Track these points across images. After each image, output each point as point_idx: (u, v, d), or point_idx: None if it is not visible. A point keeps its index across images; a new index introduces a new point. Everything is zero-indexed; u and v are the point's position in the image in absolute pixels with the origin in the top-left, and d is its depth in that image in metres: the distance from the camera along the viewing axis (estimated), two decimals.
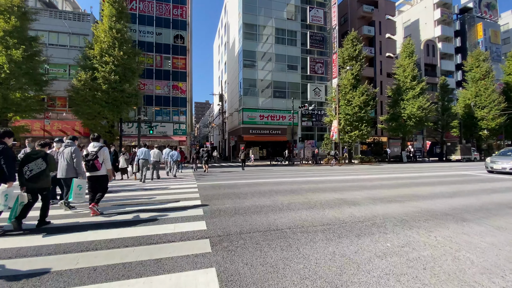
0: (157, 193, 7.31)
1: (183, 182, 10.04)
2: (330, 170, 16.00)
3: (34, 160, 4.06)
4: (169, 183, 9.60)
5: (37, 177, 4.04)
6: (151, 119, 25.52)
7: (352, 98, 24.60)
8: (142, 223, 4.36)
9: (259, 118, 28.71)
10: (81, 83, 17.30)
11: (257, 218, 4.63)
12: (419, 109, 26.06)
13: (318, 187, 8.34)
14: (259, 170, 16.66)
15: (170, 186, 8.76)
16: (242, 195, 6.86)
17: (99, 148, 4.99)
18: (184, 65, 26.72)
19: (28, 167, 3.99)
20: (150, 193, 7.35)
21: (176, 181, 10.25)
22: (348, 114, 24.34)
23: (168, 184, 9.29)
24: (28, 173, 3.98)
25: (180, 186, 8.82)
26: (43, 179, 4.14)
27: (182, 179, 11.07)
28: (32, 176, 4.00)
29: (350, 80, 25.02)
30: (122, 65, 18.40)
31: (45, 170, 4.13)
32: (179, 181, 10.22)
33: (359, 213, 5.08)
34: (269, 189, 7.94)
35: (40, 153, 4.20)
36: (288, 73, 30.27)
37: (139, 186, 8.85)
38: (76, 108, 18.00)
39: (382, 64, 35.79)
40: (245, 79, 28.79)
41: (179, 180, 10.83)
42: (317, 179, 10.86)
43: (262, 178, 11.06)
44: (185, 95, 26.67)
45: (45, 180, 4.18)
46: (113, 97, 17.99)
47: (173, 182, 10.11)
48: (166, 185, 8.98)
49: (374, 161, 25.33)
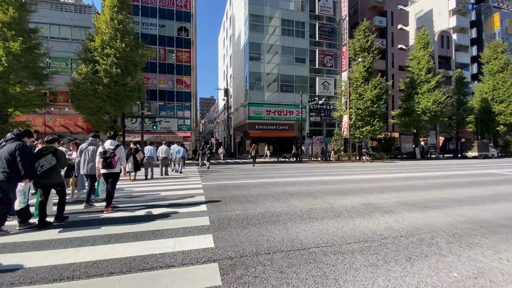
0: (159, 194, 6.56)
1: (187, 181, 9.29)
2: (344, 168, 15.08)
3: (44, 156, 4.08)
4: (173, 182, 8.86)
5: (49, 172, 4.07)
6: (155, 114, 24.84)
7: (364, 92, 23.44)
8: (137, 237, 3.58)
9: (265, 113, 27.79)
10: (81, 77, 16.62)
11: (275, 231, 3.81)
12: (434, 103, 24.74)
13: (337, 189, 7.47)
14: (267, 167, 15.84)
15: (173, 186, 8.01)
16: (253, 199, 6.04)
17: (116, 146, 5.10)
18: (189, 58, 25.86)
19: (39, 163, 4.01)
20: (152, 193, 6.60)
21: (180, 180, 9.51)
22: (360, 109, 23.23)
23: (172, 183, 8.55)
24: (39, 169, 3.99)
25: (184, 186, 8.06)
26: (55, 175, 4.19)
27: (187, 178, 10.33)
28: (43, 171, 4.02)
29: (361, 72, 23.82)
30: (124, 57, 17.64)
31: (55, 166, 4.16)
32: (184, 180, 9.47)
33: (396, 224, 4.22)
34: (282, 190, 7.11)
35: (50, 149, 4.21)
36: (295, 66, 29.15)
37: (135, 185, 8.13)
38: (77, 102, 17.37)
39: (394, 56, 34.29)
40: (251, 72, 27.80)
41: (184, 178, 10.08)
42: (333, 178, 9.98)
43: (272, 177, 10.23)
44: (190, 90, 25.88)
45: (56, 176, 4.24)
46: (115, 91, 17.29)
47: (177, 180, 9.37)
48: (170, 184, 8.23)
49: (386, 157, 24.25)
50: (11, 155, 3.73)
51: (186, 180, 9.46)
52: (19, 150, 3.75)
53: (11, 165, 3.73)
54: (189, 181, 9.30)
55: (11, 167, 3.73)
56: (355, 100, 23.61)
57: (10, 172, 3.72)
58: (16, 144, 3.77)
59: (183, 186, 8.09)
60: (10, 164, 3.73)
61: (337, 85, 30.63)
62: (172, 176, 11.22)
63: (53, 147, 4.35)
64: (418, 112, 25.35)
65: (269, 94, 28.30)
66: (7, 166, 3.72)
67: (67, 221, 4.34)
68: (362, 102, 23.22)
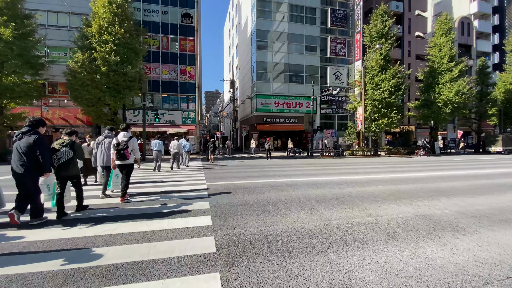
0: (157, 198, 5.36)
1: (191, 179, 8.08)
2: (363, 165, 13.67)
3: (61, 148, 4.14)
4: (176, 178, 7.66)
5: (66, 165, 4.13)
6: (158, 106, 23.68)
7: (380, 82, 21.72)
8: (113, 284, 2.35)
9: (273, 105, 26.33)
10: (77, 65, 15.47)
11: (314, 267, 2.53)
12: (457, 93, 22.86)
13: (370, 192, 6.14)
14: (277, 163, 14.54)
15: (174, 187, 6.80)
16: (270, 207, 4.77)
17: (129, 138, 5.13)
18: (193, 47, 24.44)
19: (57, 155, 4.09)
20: (146, 201, 5.39)
21: (184, 176, 8.31)
22: (376, 100, 21.56)
23: (175, 180, 7.34)
24: (57, 161, 4.07)
25: (186, 188, 6.84)
26: (72, 167, 4.23)
27: (191, 176, 9.12)
28: (60, 164, 4.09)
29: (378, 61, 22.05)
30: (124, 44, 16.38)
31: (72, 158, 4.21)
32: (187, 177, 8.27)
33: (485, 253, 2.88)
34: (304, 195, 5.81)
35: (67, 142, 4.24)
36: (306, 55, 27.43)
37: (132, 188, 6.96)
38: (74, 93, 16.29)
39: (410, 44, 32.13)
40: (258, 62, 26.26)
41: (188, 176, 8.88)
42: (358, 178, 8.61)
43: (287, 176, 8.93)
44: (194, 80, 24.55)
45: (73, 168, 4.29)
46: (115, 81, 16.11)
47: (181, 176, 8.16)
48: (172, 182, 7.03)
49: (403, 152, 22.63)
50: (30, 148, 3.62)
51: (189, 178, 8.26)
52: (38, 143, 3.65)
53: (30, 158, 3.63)
54: (192, 179, 8.09)
55: (30, 160, 3.63)
56: (371, 90, 21.92)
57: (29, 165, 3.63)
58: (34, 137, 3.66)
59: (185, 186, 6.87)
60: (29, 157, 3.63)
61: (349, 75, 28.86)
62: (177, 171, 10.11)
63: (71, 140, 4.35)
64: (439, 104, 23.50)
65: (278, 85, 26.77)
66: (26, 159, 3.62)
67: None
68: (378, 92, 21.53)
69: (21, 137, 3.68)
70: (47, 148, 3.83)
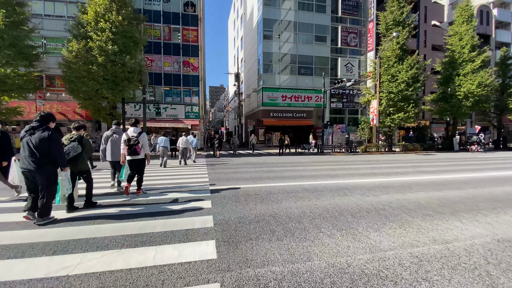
0: (150, 210, 4.27)
1: (194, 181, 6.98)
2: (383, 163, 12.41)
3: (70, 143, 4.12)
4: (177, 183, 6.58)
5: (74, 160, 4.11)
6: (160, 100, 22.62)
7: (397, 73, 20.21)
8: None
9: (281, 99, 25.02)
10: (72, 55, 14.41)
11: None
12: (479, 86, 21.22)
13: (413, 201, 4.94)
14: (287, 161, 13.37)
15: (174, 195, 5.70)
16: (293, 224, 3.62)
17: (139, 133, 5.15)
18: (196, 37, 23.19)
19: (66, 150, 4.00)
20: (136, 215, 4.30)
21: (187, 177, 7.22)
22: (392, 93, 20.09)
23: (175, 186, 6.26)
24: (66, 157, 3.92)
25: (188, 195, 5.75)
26: (80, 162, 4.23)
27: (194, 178, 8.02)
28: (70, 159, 4.02)
29: (394, 50, 20.50)
30: (122, 33, 15.24)
31: (81, 153, 4.21)
32: (191, 178, 7.18)
33: None
34: (331, 205, 4.64)
35: (76, 137, 4.22)
36: (315, 45, 25.92)
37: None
38: (70, 86, 15.30)
39: (426, 34, 30.26)
40: (265, 53, 24.89)
41: (191, 176, 7.79)
42: (387, 180, 7.40)
43: (303, 178, 7.75)
44: (198, 73, 23.36)
45: (82, 163, 4.28)
46: (112, 72, 15.03)
47: (184, 180, 7.07)
48: (172, 187, 5.95)
49: (420, 149, 21.20)
50: (43, 144, 3.52)
51: (192, 179, 7.17)
52: (52, 139, 3.58)
53: (43, 154, 3.54)
54: (195, 180, 6.99)
55: (43, 156, 3.54)
56: (386, 82, 20.44)
57: (42, 161, 3.55)
58: (48, 133, 3.57)
59: (185, 193, 5.78)
60: (42, 152, 3.53)
61: (361, 66, 27.30)
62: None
63: (79, 134, 4.32)
64: (459, 97, 21.89)
65: (285, 78, 25.40)
66: (39, 155, 3.52)
67: None
68: (394, 84, 20.04)
69: (32, 133, 3.53)
70: (61, 144, 3.82)
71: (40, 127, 3.57)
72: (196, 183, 6.82)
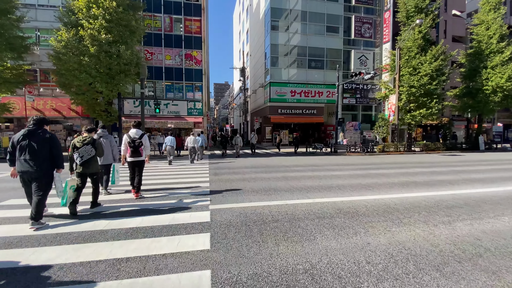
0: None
1: (191, 193, 5.51)
2: (413, 167, 10.74)
3: (83, 146, 4.17)
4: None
5: (88, 162, 4.21)
6: (161, 96, 21.22)
7: (419, 65, 18.34)
8: None
9: (289, 95, 23.38)
10: (61, 45, 13.04)
11: None
12: (509, 79, 19.19)
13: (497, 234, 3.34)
14: (300, 162, 11.80)
15: (162, 220, 4.23)
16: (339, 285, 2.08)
17: (141, 135, 5.18)
18: (199, 28, 21.64)
19: (79, 153, 4.15)
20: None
21: (183, 188, 5.76)
22: (413, 87, 18.24)
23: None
24: (79, 159, 4.14)
25: (180, 221, 4.26)
26: (93, 164, 4.30)
27: (190, 192, 6.54)
28: (83, 162, 4.16)
29: (416, 40, 18.61)
30: (116, 20, 13.79)
31: (94, 156, 4.29)
32: (188, 189, 5.72)
33: None
34: (394, 246, 3.10)
35: (89, 140, 4.26)
36: (326, 37, 24.11)
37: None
38: (61, 79, 13.98)
39: (446, 24, 28.05)
40: (272, 45, 23.21)
41: (189, 184, 6.32)
42: (435, 195, 5.79)
43: (332, 191, 6.17)
44: (201, 66, 21.85)
45: (94, 165, 4.35)
46: (106, 64, 13.63)
47: (180, 190, 5.61)
48: (159, 218, 4.51)
49: (442, 148, 19.35)
50: (45, 146, 3.60)
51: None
52: (52, 141, 3.69)
53: (44, 156, 3.60)
54: (192, 190, 5.52)
55: (44, 158, 3.61)
56: (407, 76, 18.58)
57: (45, 163, 3.61)
58: (50, 135, 3.71)
59: (176, 216, 4.29)
60: (43, 155, 3.59)
61: (375, 59, 25.39)
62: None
63: (92, 137, 4.36)
64: (487, 92, 19.89)
65: (294, 72, 23.70)
66: (41, 158, 3.57)
67: None
68: (416, 78, 18.18)
69: (31, 136, 3.57)
70: (60, 145, 3.85)
71: (38, 130, 3.63)
72: (194, 196, 5.34)
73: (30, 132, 3.56)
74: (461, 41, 28.38)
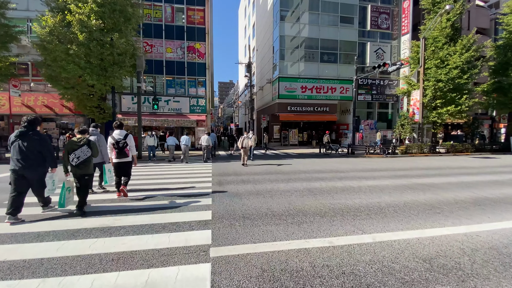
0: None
1: (182, 226, 3.88)
2: (456, 173, 8.94)
3: (79, 147, 4.20)
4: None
5: (83, 163, 4.20)
6: (162, 92, 19.65)
7: (447, 57, 16.41)
8: None
9: (300, 91, 21.60)
10: (45, 31, 11.51)
11: None
12: None
13: None
14: (318, 167, 10.08)
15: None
16: None
17: (125, 135, 5.11)
18: (203, 18, 19.99)
19: (76, 154, 4.14)
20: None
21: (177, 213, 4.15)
22: (441, 81, 16.33)
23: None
24: (76, 160, 4.14)
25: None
26: (88, 165, 4.29)
27: (187, 219, 4.88)
28: (79, 163, 4.16)
29: (444, 29, 16.68)
30: (109, 4, 12.19)
31: (90, 157, 4.30)
32: (184, 209, 4.10)
33: None
34: None
35: (84, 141, 4.29)
36: (340, 28, 22.24)
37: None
38: (47, 71, 12.47)
39: (470, 15, 25.89)
40: (282, 37, 21.44)
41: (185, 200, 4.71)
42: None
43: (389, 215, 4.46)
44: (204, 60, 20.21)
45: (89, 166, 4.34)
46: (98, 54, 12.06)
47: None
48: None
49: (471, 150, 17.38)
50: (35, 146, 3.77)
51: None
52: (42, 142, 3.85)
53: (38, 156, 3.81)
54: (185, 220, 3.88)
55: (39, 158, 3.82)
56: (434, 69, 16.66)
57: (41, 163, 3.85)
58: (39, 136, 3.85)
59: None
60: (37, 155, 3.80)
61: (392, 53, 23.42)
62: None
63: (86, 138, 4.37)
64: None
65: (305, 66, 21.89)
66: (36, 158, 3.78)
67: None
68: (444, 71, 16.26)
69: (23, 137, 3.74)
70: (51, 145, 4.11)
71: (29, 131, 3.79)
72: (187, 228, 3.68)
73: (21, 133, 3.74)
74: (485, 34, 26.25)
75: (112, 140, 5.01)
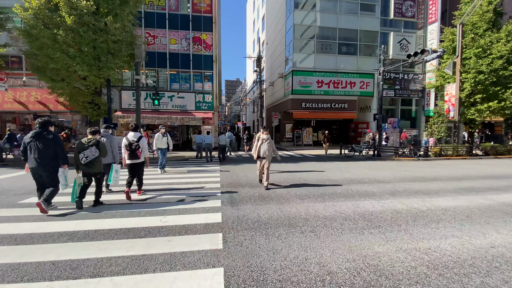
0: None
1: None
2: None
3: (88, 148, 4.43)
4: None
5: (92, 162, 4.45)
6: (165, 86, 18.05)
7: (489, 46, 14.24)
8: None
9: (315, 85, 19.67)
10: (29, 13, 9.97)
11: None
12: None
13: None
14: (352, 176, 8.22)
15: None
16: None
17: (139, 138, 5.32)
18: (209, 7, 18.26)
19: (84, 154, 4.39)
20: None
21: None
22: (482, 73, 14.18)
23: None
24: (84, 159, 4.38)
25: None
26: (97, 164, 4.54)
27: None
28: (88, 162, 4.41)
29: (485, 14, 14.51)
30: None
31: (98, 157, 4.54)
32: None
33: None
34: None
35: (94, 141, 4.51)
36: (360, 17, 20.17)
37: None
38: (33, 61, 10.97)
39: (503, 2, 23.37)
40: (296, 26, 19.52)
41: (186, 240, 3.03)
42: None
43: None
44: (211, 52, 18.49)
45: (98, 165, 4.58)
46: (89, 41, 10.48)
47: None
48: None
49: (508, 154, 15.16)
50: (48, 146, 4.13)
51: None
52: (55, 140, 4.24)
53: (53, 155, 4.19)
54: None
55: (53, 156, 4.20)
56: (474, 59, 14.50)
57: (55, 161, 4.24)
58: (51, 136, 4.21)
59: None
60: (52, 153, 4.18)
61: (417, 44, 21.20)
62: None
63: (96, 139, 4.59)
64: None
65: (321, 58, 19.91)
66: (51, 156, 4.17)
67: None
68: (486, 61, 14.10)
69: (38, 137, 4.10)
70: (62, 143, 4.42)
71: (43, 132, 4.17)
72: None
73: (36, 134, 4.14)
74: None
75: (126, 142, 5.27)
